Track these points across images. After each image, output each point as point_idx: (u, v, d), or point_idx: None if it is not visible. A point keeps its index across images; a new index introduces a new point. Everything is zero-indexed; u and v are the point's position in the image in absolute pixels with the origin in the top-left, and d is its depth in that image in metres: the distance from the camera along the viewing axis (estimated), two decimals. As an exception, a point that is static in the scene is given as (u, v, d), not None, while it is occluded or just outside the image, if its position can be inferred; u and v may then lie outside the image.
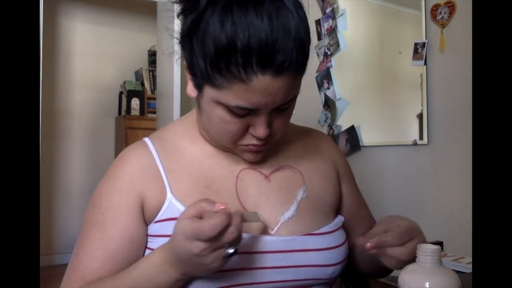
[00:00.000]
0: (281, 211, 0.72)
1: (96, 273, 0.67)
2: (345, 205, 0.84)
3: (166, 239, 0.66)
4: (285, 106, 0.64)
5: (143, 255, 0.70)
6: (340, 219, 0.79)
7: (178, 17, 0.64)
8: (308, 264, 0.69)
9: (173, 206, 0.68)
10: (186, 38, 0.62)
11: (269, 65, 0.57)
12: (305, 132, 0.86)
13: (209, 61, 0.59)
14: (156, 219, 0.69)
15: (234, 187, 0.72)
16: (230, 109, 0.62)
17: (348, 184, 0.85)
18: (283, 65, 0.57)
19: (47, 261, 3.51)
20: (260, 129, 0.64)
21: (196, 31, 0.60)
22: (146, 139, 0.75)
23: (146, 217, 0.70)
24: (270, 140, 0.68)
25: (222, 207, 0.56)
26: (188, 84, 0.68)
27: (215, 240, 0.55)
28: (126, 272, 0.65)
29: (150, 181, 0.70)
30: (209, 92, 0.62)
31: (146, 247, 0.70)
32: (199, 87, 0.65)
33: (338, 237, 0.74)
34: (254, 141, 0.66)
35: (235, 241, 0.57)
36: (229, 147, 0.70)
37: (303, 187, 0.75)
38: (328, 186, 0.80)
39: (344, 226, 0.79)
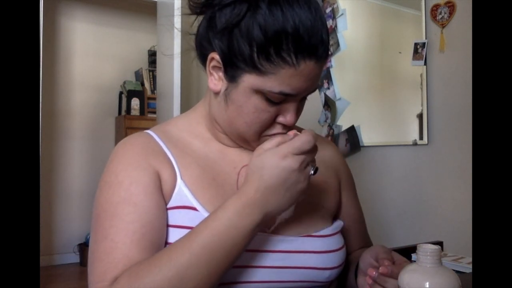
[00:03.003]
0: None
1: (139, 246, 0.61)
2: (344, 215, 0.84)
3: (175, 230, 0.66)
4: (309, 94, 0.68)
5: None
6: (339, 223, 0.79)
7: (221, 9, 0.65)
8: (306, 266, 0.69)
9: (181, 192, 0.68)
10: (226, 30, 0.64)
11: (315, 51, 0.62)
12: None
13: (257, 48, 0.62)
14: (168, 205, 0.67)
15: (235, 183, 0.72)
16: (267, 97, 0.64)
17: (348, 195, 0.86)
18: (324, 52, 0.64)
19: (47, 261, 3.51)
20: (290, 116, 0.67)
21: (239, 21, 0.62)
22: (149, 131, 0.74)
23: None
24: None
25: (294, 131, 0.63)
26: (209, 79, 0.69)
27: (308, 153, 0.60)
28: (198, 227, 0.60)
29: (163, 163, 0.69)
30: (250, 81, 0.64)
31: None
32: (233, 78, 0.66)
33: (337, 241, 0.74)
34: (280, 130, 0.69)
35: (314, 161, 0.63)
36: (250, 140, 0.70)
37: None
38: (328, 191, 0.80)
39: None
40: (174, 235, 0.65)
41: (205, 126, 0.76)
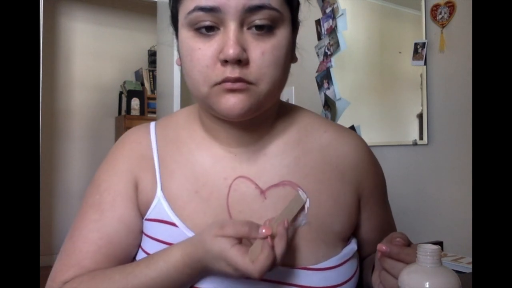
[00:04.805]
0: None
1: (93, 257, 0.64)
2: (363, 230, 0.73)
3: (154, 243, 0.65)
4: (258, 21, 0.58)
5: (138, 247, 0.67)
6: (351, 248, 0.68)
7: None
8: None
9: (160, 206, 0.65)
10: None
11: None
12: (332, 138, 0.72)
13: None
14: (146, 216, 0.66)
15: (225, 198, 0.65)
16: (194, 29, 0.59)
17: (372, 207, 0.73)
18: None
19: (47, 261, 3.50)
20: (226, 47, 0.56)
21: None
22: (152, 125, 0.73)
23: (139, 207, 0.67)
24: (250, 79, 0.58)
25: (267, 233, 0.55)
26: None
27: None
28: (138, 270, 0.61)
29: (145, 171, 0.68)
30: (180, 19, 0.62)
31: (140, 243, 0.67)
32: (177, 30, 0.64)
33: (344, 272, 0.65)
34: (228, 73, 0.57)
35: None
36: (207, 95, 0.60)
37: (302, 212, 0.64)
38: (339, 213, 0.67)
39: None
40: (153, 247, 0.65)
41: (198, 117, 0.71)
